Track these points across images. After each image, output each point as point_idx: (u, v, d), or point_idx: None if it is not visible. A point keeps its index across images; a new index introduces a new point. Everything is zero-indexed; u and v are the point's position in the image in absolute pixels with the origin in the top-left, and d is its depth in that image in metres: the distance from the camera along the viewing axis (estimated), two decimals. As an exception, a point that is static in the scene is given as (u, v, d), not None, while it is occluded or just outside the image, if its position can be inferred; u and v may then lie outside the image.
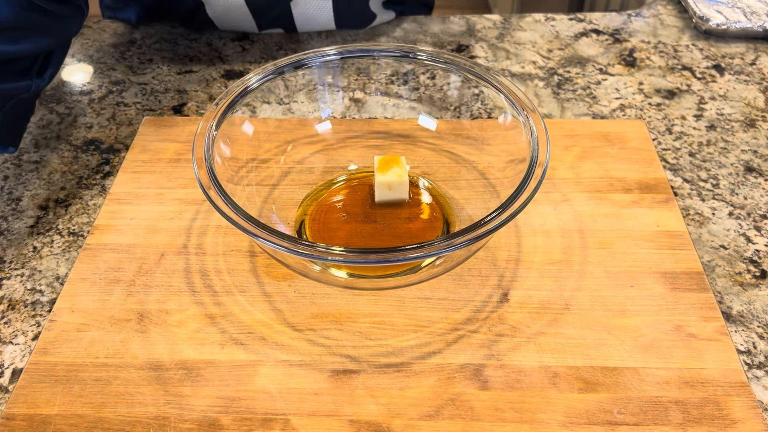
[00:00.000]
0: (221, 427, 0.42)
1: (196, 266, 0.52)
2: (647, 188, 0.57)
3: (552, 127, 0.63)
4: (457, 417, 0.42)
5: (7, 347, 0.47)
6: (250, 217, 0.42)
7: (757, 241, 0.54)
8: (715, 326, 0.47)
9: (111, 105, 0.69)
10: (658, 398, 0.43)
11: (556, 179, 0.58)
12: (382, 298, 0.49)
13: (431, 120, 0.60)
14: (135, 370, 0.45)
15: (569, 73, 0.73)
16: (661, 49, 0.76)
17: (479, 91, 0.56)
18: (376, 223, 0.54)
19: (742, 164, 0.61)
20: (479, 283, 0.50)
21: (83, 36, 0.80)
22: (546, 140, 0.47)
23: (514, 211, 0.42)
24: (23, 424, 0.42)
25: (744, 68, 0.73)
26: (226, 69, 0.74)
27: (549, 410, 0.43)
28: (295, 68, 0.55)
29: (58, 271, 0.53)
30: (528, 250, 0.52)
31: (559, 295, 0.49)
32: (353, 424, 0.42)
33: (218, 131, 0.50)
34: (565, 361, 0.45)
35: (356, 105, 0.67)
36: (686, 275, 0.50)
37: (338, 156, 0.59)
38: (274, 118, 0.58)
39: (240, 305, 0.49)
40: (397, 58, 0.57)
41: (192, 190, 0.58)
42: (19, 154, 0.64)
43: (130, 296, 0.50)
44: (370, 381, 0.44)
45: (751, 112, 0.67)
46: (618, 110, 0.67)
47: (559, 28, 0.80)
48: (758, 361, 0.46)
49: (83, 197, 0.59)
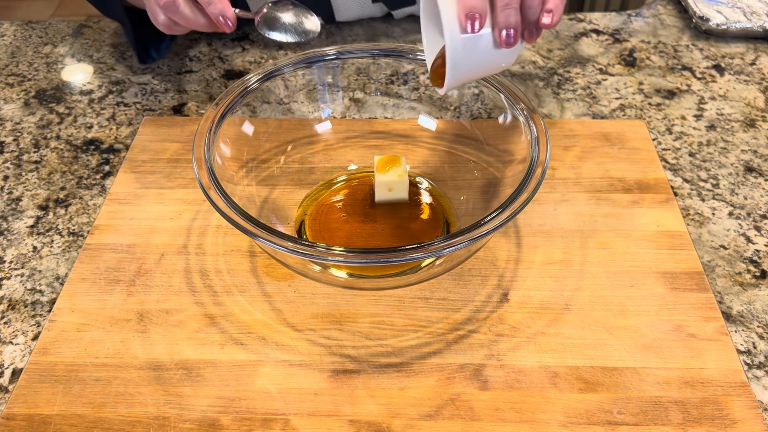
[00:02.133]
0: (221, 427, 0.42)
1: (196, 266, 0.52)
2: (647, 188, 0.57)
3: (552, 127, 0.63)
4: (457, 417, 0.42)
5: (7, 347, 0.47)
6: (250, 217, 0.42)
7: (757, 241, 0.54)
8: (715, 326, 0.47)
9: (111, 105, 0.69)
10: (658, 398, 0.43)
11: (556, 179, 0.58)
12: (382, 298, 0.49)
13: (431, 120, 0.60)
14: (135, 370, 0.45)
15: (569, 73, 0.73)
16: (661, 49, 0.76)
17: (479, 91, 0.56)
18: (376, 223, 0.54)
19: (742, 164, 0.61)
20: (479, 283, 0.50)
21: (83, 36, 0.81)
22: (546, 140, 0.47)
23: (514, 211, 0.42)
24: (23, 424, 0.42)
25: (744, 68, 0.73)
26: (226, 69, 0.74)
27: (549, 410, 0.43)
28: (295, 68, 0.55)
29: (58, 271, 0.53)
30: (528, 250, 0.52)
31: (559, 295, 0.49)
32: (353, 424, 0.42)
33: (218, 131, 0.50)
34: (565, 361, 0.45)
35: (356, 105, 0.67)
36: (686, 275, 0.50)
37: (338, 156, 0.59)
38: (274, 118, 0.58)
39: (240, 305, 0.49)
40: (397, 58, 0.57)
41: (192, 190, 0.58)
42: (19, 153, 0.64)
43: (130, 296, 0.50)
44: (370, 381, 0.44)
45: (751, 112, 0.67)
46: (618, 110, 0.67)
47: (559, 28, 0.80)
48: (758, 361, 0.46)
49: (83, 197, 0.59)
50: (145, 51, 0.72)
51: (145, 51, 0.72)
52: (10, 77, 0.74)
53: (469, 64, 0.42)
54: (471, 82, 0.47)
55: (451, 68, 0.42)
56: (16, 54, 0.78)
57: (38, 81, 0.73)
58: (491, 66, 0.44)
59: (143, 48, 0.72)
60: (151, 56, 0.73)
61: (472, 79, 0.45)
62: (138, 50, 0.71)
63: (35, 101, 0.70)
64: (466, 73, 0.43)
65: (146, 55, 0.72)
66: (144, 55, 0.72)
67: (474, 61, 0.42)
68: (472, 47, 0.41)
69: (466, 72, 0.43)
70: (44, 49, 0.78)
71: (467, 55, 0.41)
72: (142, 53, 0.72)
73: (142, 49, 0.72)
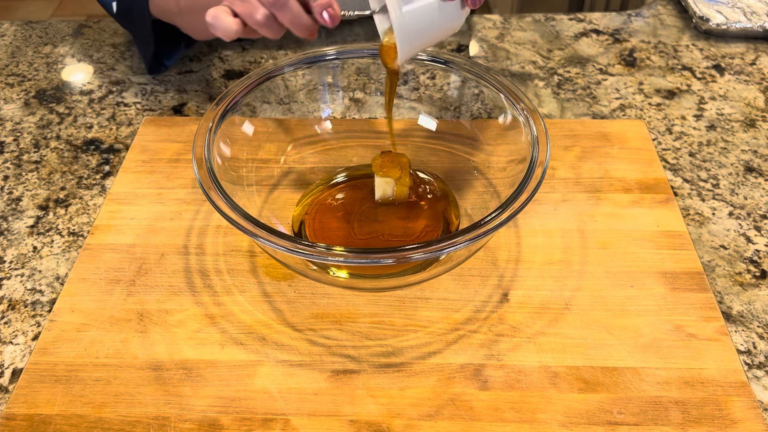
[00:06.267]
0: (221, 427, 0.42)
1: (196, 266, 0.52)
2: (647, 188, 0.57)
3: (552, 127, 0.63)
4: (457, 417, 0.42)
5: (7, 347, 0.47)
6: (250, 217, 0.42)
7: (757, 241, 0.54)
8: (715, 326, 0.47)
9: (111, 105, 0.69)
10: (658, 398, 0.43)
11: (556, 179, 0.58)
12: (382, 298, 0.49)
13: (431, 120, 0.60)
14: (135, 370, 0.45)
15: (569, 73, 0.73)
16: (661, 49, 0.76)
17: (479, 91, 0.56)
18: (376, 222, 0.54)
19: (742, 164, 0.61)
20: (479, 283, 0.50)
21: (83, 36, 0.81)
22: (546, 140, 0.47)
23: (514, 211, 0.42)
24: (23, 424, 0.42)
25: (744, 68, 0.73)
26: (226, 69, 0.74)
27: (549, 410, 0.43)
28: (295, 68, 0.55)
29: (58, 271, 0.53)
30: (528, 250, 0.52)
31: (559, 295, 0.49)
32: (353, 424, 0.42)
33: (218, 131, 0.49)
34: (565, 361, 0.45)
35: (356, 105, 0.67)
36: (686, 275, 0.50)
37: (338, 156, 0.59)
38: (274, 118, 0.58)
39: (240, 305, 0.49)
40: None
41: (192, 190, 0.58)
42: (19, 153, 0.64)
43: (130, 296, 0.50)
44: (370, 381, 0.44)
45: (751, 112, 0.67)
46: (618, 110, 0.67)
47: (559, 28, 0.80)
48: (758, 361, 0.46)
49: (83, 197, 0.59)
50: (157, 63, 0.72)
51: (158, 62, 0.72)
52: (10, 77, 0.74)
53: (415, 27, 0.43)
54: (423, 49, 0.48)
55: (399, 35, 0.43)
56: (16, 54, 0.78)
57: (38, 81, 0.73)
58: (439, 28, 0.45)
59: (156, 59, 0.72)
60: (163, 66, 0.73)
61: (423, 45, 0.46)
62: (151, 64, 0.72)
63: (35, 101, 0.70)
64: (415, 39, 0.44)
65: (158, 67, 0.73)
66: (156, 67, 0.73)
67: (420, 24, 0.43)
68: (414, 9, 0.42)
69: (415, 37, 0.44)
70: (44, 49, 0.78)
71: (412, 18, 0.42)
72: (154, 66, 0.72)
73: (155, 61, 0.72)
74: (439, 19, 0.44)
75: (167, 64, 0.73)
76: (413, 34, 0.43)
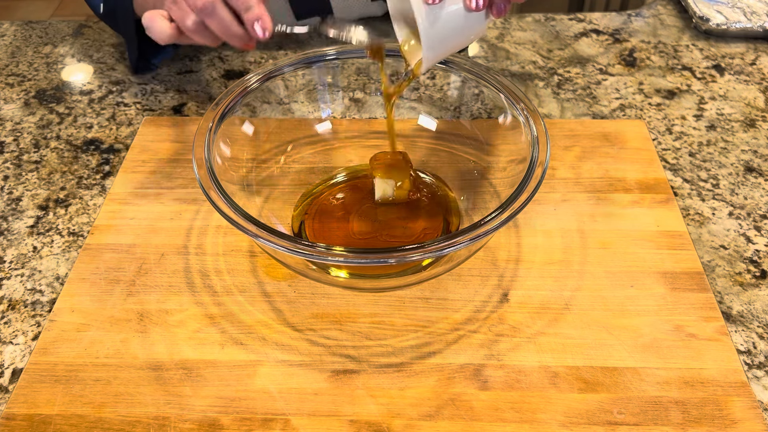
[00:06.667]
0: (221, 427, 0.42)
1: (196, 266, 0.52)
2: (647, 188, 0.57)
3: (552, 127, 0.63)
4: (457, 417, 0.42)
5: (7, 347, 0.47)
6: (250, 217, 0.42)
7: (757, 241, 0.54)
8: (715, 326, 0.47)
9: (111, 105, 0.69)
10: (658, 398, 0.43)
11: (556, 179, 0.58)
12: (382, 298, 0.49)
13: (431, 120, 0.60)
14: (135, 370, 0.45)
15: (569, 73, 0.73)
16: (661, 49, 0.76)
17: (479, 91, 0.56)
18: (376, 223, 0.54)
19: (742, 164, 0.61)
20: (479, 283, 0.50)
21: (83, 36, 0.81)
22: (546, 140, 0.47)
23: (514, 211, 0.42)
24: (23, 424, 0.42)
25: (744, 68, 0.73)
26: (226, 69, 0.74)
27: (549, 410, 0.43)
28: (295, 68, 0.55)
29: (58, 271, 0.53)
30: (528, 250, 0.52)
31: (559, 295, 0.49)
32: (353, 424, 0.42)
33: (218, 131, 0.50)
34: (565, 361, 0.45)
35: (356, 105, 0.67)
36: (686, 275, 0.50)
37: (338, 156, 0.59)
38: (274, 118, 0.58)
39: (240, 305, 0.49)
40: (397, 58, 0.57)
41: (192, 190, 0.58)
42: (19, 153, 0.64)
43: (130, 296, 0.50)
44: (370, 381, 0.44)
45: (751, 112, 0.67)
46: (618, 110, 0.67)
47: (559, 28, 0.80)
48: (758, 361, 0.46)
49: (83, 197, 0.59)
50: (144, 63, 0.72)
51: (145, 62, 0.72)
52: (10, 77, 0.74)
53: (440, 35, 0.43)
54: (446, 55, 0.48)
55: (425, 41, 0.43)
56: (16, 54, 0.78)
57: (38, 81, 0.73)
58: (464, 36, 0.45)
59: (143, 59, 0.72)
60: (151, 65, 0.73)
61: (447, 52, 0.47)
62: (137, 63, 0.71)
63: (35, 101, 0.70)
64: (440, 46, 0.44)
65: (146, 67, 0.73)
66: (143, 67, 0.73)
67: (445, 31, 0.43)
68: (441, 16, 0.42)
69: (439, 44, 0.44)
70: (44, 49, 0.78)
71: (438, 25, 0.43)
72: (141, 65, 0.72)
73: (142, 61, 0.72)
74: (465, 27, 0.44)
75: (155, 62, 0.73)
76: (439, 42, 0.44)
